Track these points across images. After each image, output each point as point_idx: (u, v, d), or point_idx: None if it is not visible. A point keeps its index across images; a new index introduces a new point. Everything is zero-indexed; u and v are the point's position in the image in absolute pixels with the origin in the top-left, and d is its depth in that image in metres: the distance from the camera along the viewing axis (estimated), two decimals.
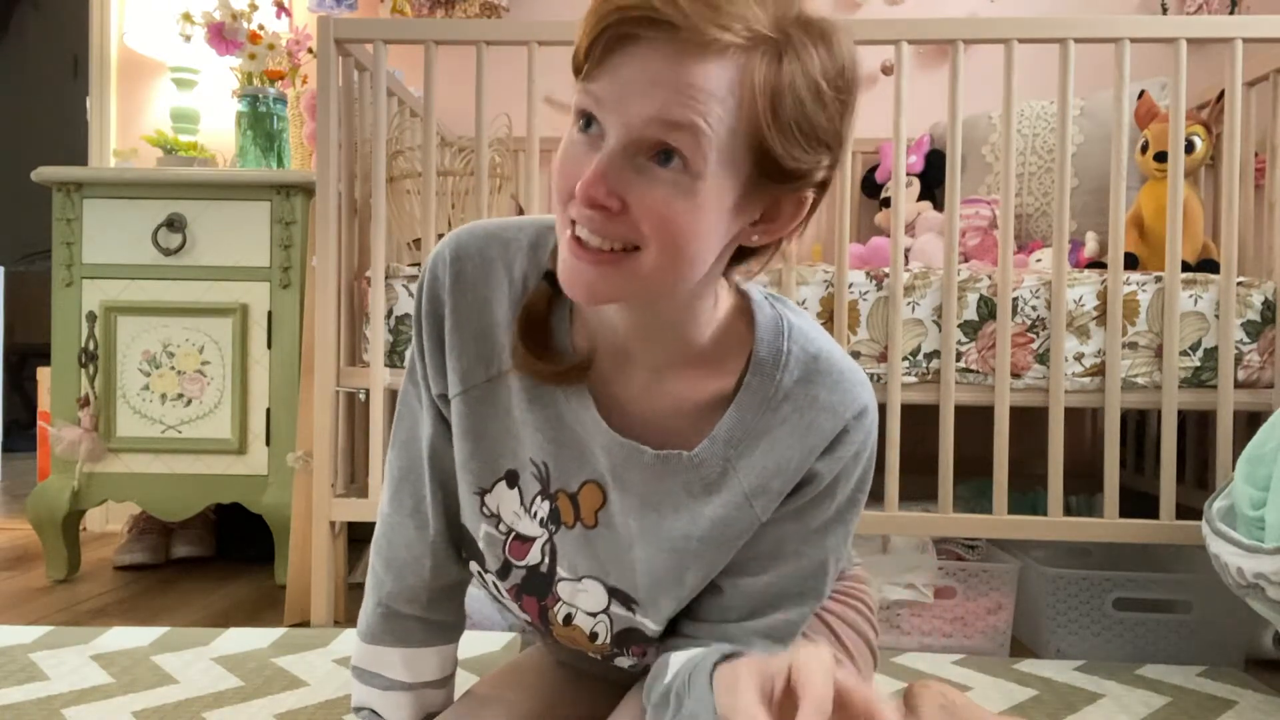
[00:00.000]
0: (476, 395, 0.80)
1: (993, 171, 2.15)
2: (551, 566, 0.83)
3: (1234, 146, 1.58)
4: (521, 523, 0.82)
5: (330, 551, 1.67)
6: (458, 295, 0.79)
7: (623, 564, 0.80)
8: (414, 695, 0.88)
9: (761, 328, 0.76)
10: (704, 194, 0.64)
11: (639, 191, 0.63)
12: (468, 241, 0.80)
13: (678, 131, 0.61)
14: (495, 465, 0.81)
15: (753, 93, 0.62)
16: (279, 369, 1.93)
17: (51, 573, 1.98)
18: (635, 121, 0.62)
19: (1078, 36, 1.57)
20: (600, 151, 0.63)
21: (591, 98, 0.63)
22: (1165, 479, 1.57)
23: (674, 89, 0.61)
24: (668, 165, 0.62)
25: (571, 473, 0.79)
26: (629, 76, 0.62)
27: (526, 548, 0.83)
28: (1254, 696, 1.37)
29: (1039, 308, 1.59)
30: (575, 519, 0.80)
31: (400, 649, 0.88)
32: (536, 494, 0.81)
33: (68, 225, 1.95)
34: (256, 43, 2.19)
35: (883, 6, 2.48)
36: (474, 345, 0.79)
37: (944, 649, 1.59)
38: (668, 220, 0.63)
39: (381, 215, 1.67)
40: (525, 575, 0.84)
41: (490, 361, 0.79)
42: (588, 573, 0.81)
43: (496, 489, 0.82)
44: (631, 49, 0.61)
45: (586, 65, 0.63)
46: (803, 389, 0.75)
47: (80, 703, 1.27)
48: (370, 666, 0.88)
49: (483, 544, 0.84)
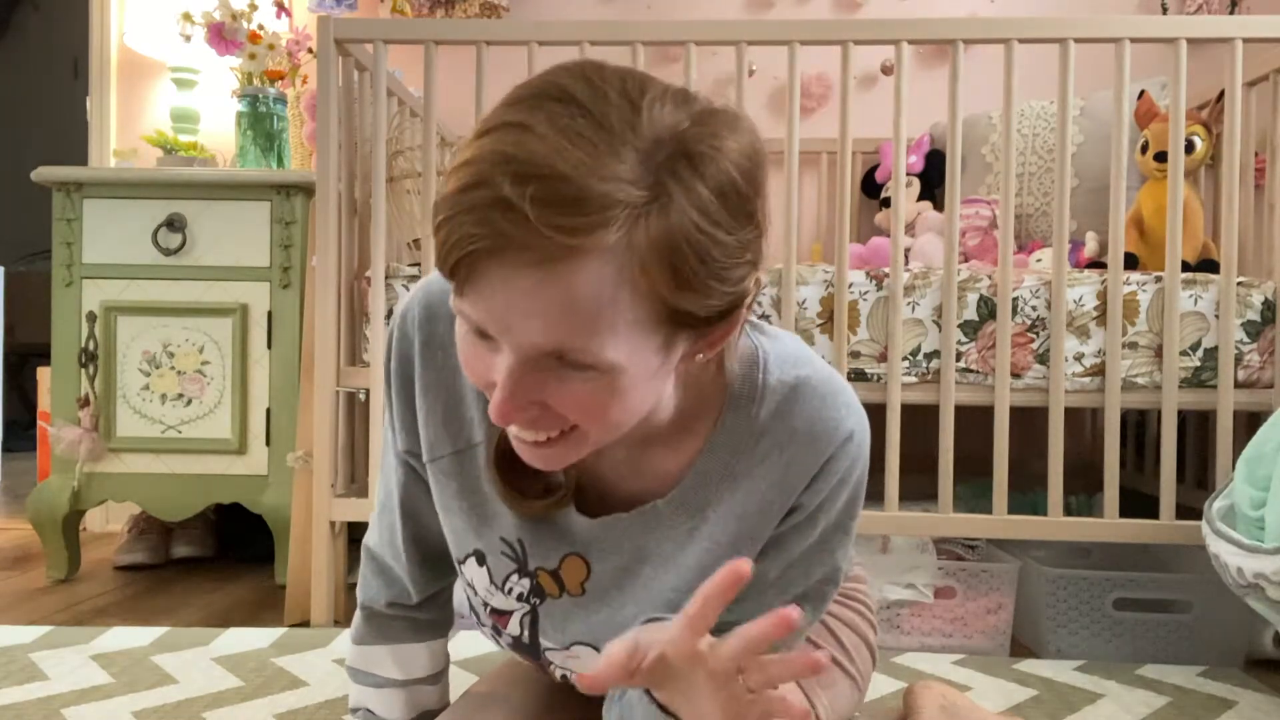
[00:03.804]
0: (443, 467, 0.78)
1: (993, 171, 2.15)
2: (534, 638, 0.82)
3: (1234, 146, 1.58)
4: (495, 599, 0.81)
5: (330, 551, 1.67)
6: (427, 358, 0.76)
7: (616, 626, 0.77)
8: (407, 692, 0.88)
9: (733, 365, 0.72)
10: (624, 378, 0.58)
11: (555, 395, 0.59)
12: (438, 301, 0.76)
13: (575, 352, 0.56)
14: (464, 541, 0.80)
15: (643, 270, 0.55)
16: (279, 369, 1.93)
17: (51, 573, 1.98)
18: (525, 344, 0.56)
19: (1078, 36, 1.56)
20: (500, 361, 0.58)
21: (469, 314, 0.58)
22: (1165, 479, 1.57)
23: (555, 312, 0.54)
24: (578, 370, 0.57)
25: (549, 550, 0.77)
26: (504, 305, 0.55)
27: (506, 619, 0.82)
28: (1254, 696, 1.37)
29: (1039, 308, 1.59)
30: (561, 591, 0.78)
31: (389, 646, 0.88)
32: (512, 572, 0.79)
33: (68, 225, 1.95)
34: (256, 43, 2.19)
35: (883, 6, 2.48)
36: (441, 414, 0.77)
37: (944, 649, 1.59)
38: (594, 409, 0.59)
39: (381, 215, 1.67)
40: (514, 641, 0.84)
41: (458, 434, 0.76)
42: (578, 639, 0.80)
43: (468, 563, 0.81)
44: (495, 271, 0.54)
45: (459, 281, 0.56)
46: (780, 423, 0.71)
47: (80, 703, 1.27)
48: (363, 666, 0.89)
49: (473, 604, 0.85)
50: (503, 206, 0.52)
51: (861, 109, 2.15)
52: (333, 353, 1.67)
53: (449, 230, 0.54)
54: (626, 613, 0.77)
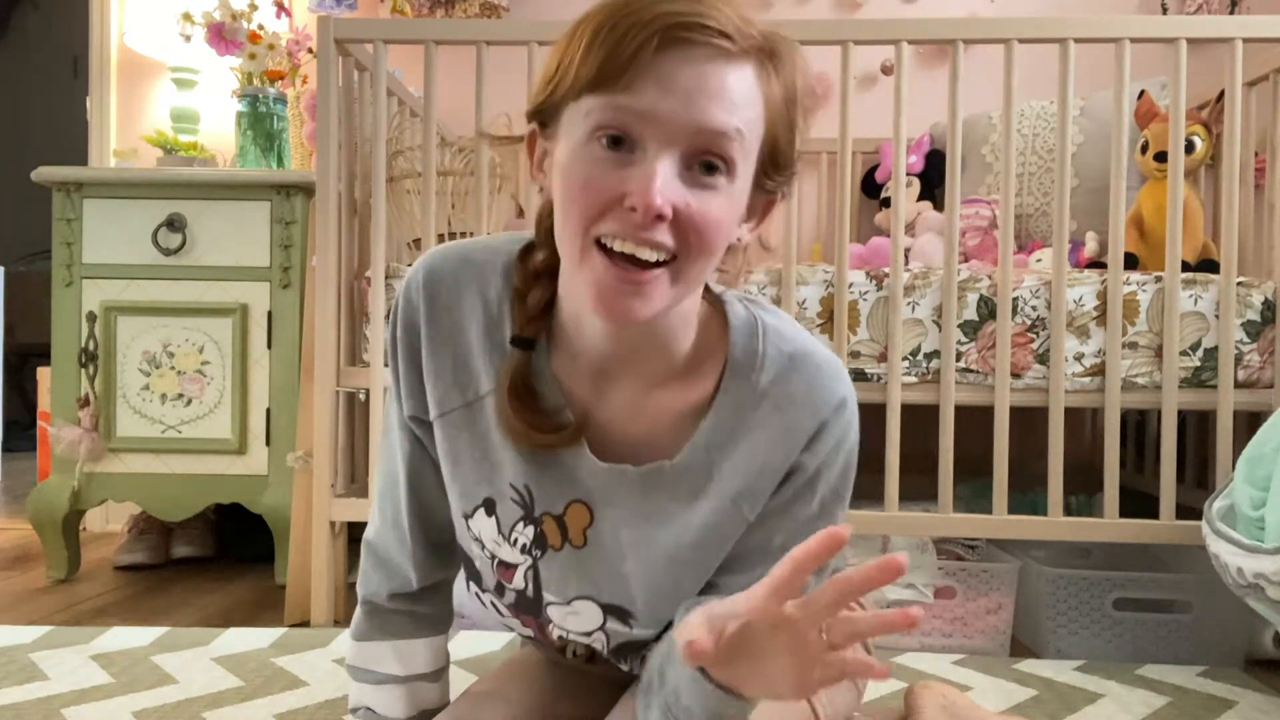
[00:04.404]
0: (453, 420, 0.80)
1: (993, 171, 2.15)
2: (537, 592, 0.83)
3: (1234, 146, 1.58)
4: (502, 550, 0.82)
5: (330, 551, 1.67)
6: (432, 320, 0.79)
7: (616, 579, 0.80)
8: (407, 688, 0.88)
9: (735, 330, 0.76)
10: (736, 196, 0.66)
11: (692, 201, 0.63)
12: (440, 265, 0.80)
13: (726, 140, 0.63)
14: (473, 492, 0.81)
15: (770, 95, 0.65)
16: (279, 369, 1.93)
17: (51, 573, 1.98)
18: (685, 132, 0.62)
19: (1078, 36, 1.56)
20: (641, 165, 0.62)
21: (625, 112, 0.62)
22: (1165, 479, 1.57)
23: (719, 97, 0.62)
24: (713, 174, 0.64)
25: (555, 495, 0.79)
26: (678, 86, 0.61)
27: (511, 573, 0.83)
28: (1254, 696, 1.37)
29: (1039, 308, 1.59)
30: (563, 540, 0.80)
31: (390, 642, 0.88)
32: (518, 519, 0.80)
33: (68, 225, 1.95)
34: (256, 43, 2.19)
35: (883, 6, 2.48)
36: (450, 371, 0.79)
37: (944, 649, 1.59)
38: (714, 226, 0.64)
39: (381, 215, 1.67)
40: (516, 597, 0.85)
41: (466, 387, 0.79)
42: (579, 593, 0.81)
43: (477, 515, 0.82)
44: (671, 58, 0.61)
45: (623, 77, 0.62)
46: (780, 388, 0.75)
47: (80, 702, 1.27)
48: (363, 664, 0.89)
49: (477, 564, 0.85)
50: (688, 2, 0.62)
51: (861, 109, 2.15)
52: (333, 353, 1.67)
53: (627, 23, 0.61)
54: (627, 567, 0.79)
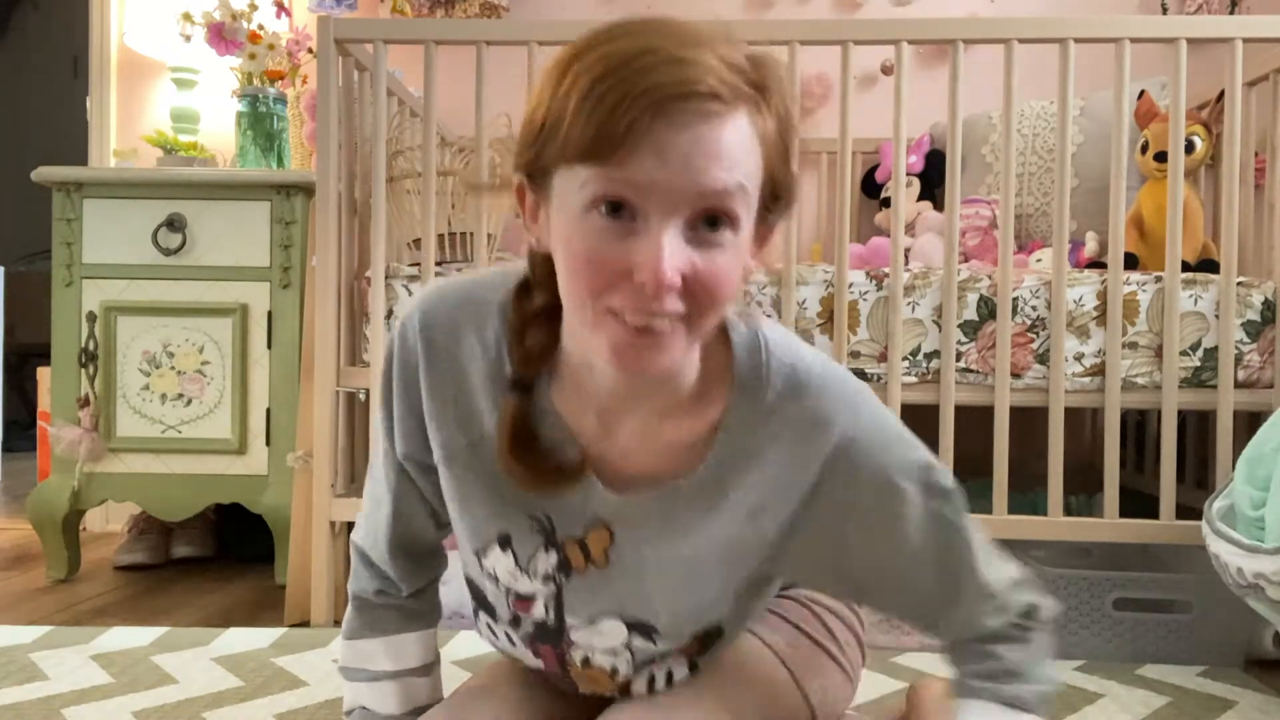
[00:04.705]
0: (461, 461, 0.79)
1: (993, 171, 2.15)
2: (559, 619, 0.83)
3: (1234, 146, 1.58)
4: (519, 583, 0.82)
5: (330, 551, 1.67)
6: (431, 364, 0.78)
7: (639, 595, 0.80)
8: (400, 684, 0.89)
9: (738, 347, 0.75)
10: (742, 244, 0.66)
11: (699, 262, 0.63)
12: (436, 307, 0.79)
13: (729, 198, 0.62)
14: (486, 529, 0.81)
15: (765, 134, 0.65)
16: (279, 369, 1.93)
17: (51, 573, 1.98)
18: (687, 197, 0.61)
19: (1078, 36, 1.56)
20: (645, 236, 0.62)
21: (624, 184, 0.61)
22: (1165, 479, 1.57)
23: (717, 157, 0.61)
24: (717, 230, 0.63)
25: (573, 520, 0.78)
26: (676, 154, 0.61)
27: (529, 604, 0.83)
28: (1254, 696, 1.37)
29: (1039, 308, 1.59)
30: (587, 562, 0.79)
31: (381, 638, 0.89)
32: (539, 547, 0.80)
33: (68, 225, 1.95)
34: (256, 43, 2.19)
35: (883, 7, 2.48)
36: (452, 413, 0.79)
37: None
38: (724, 283, 0.64)
39: (381, 215, 1.67)
40: (536, 627, 0.84)
41: (470, 427, 0.78)
42: (603, 613, 0.81)
43: (491, 552, 0.81)
44: (665, 127, 0.60)
45: (619, 150, 0.61)
46: (789, 403, 0.74)
47: (80, 702, 1.27)
48: (355, 663, 0.90)
49: (489, 598, 0.86)
50: (678, 62, 0.60)
51: (861, 109, 2.15)
52: (333, 353, 1.67)
53: (616, 94, 0.60)
54: (649, 583, 0.79)
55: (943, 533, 0.77)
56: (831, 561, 0.79)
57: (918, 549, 0.77)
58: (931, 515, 0.77)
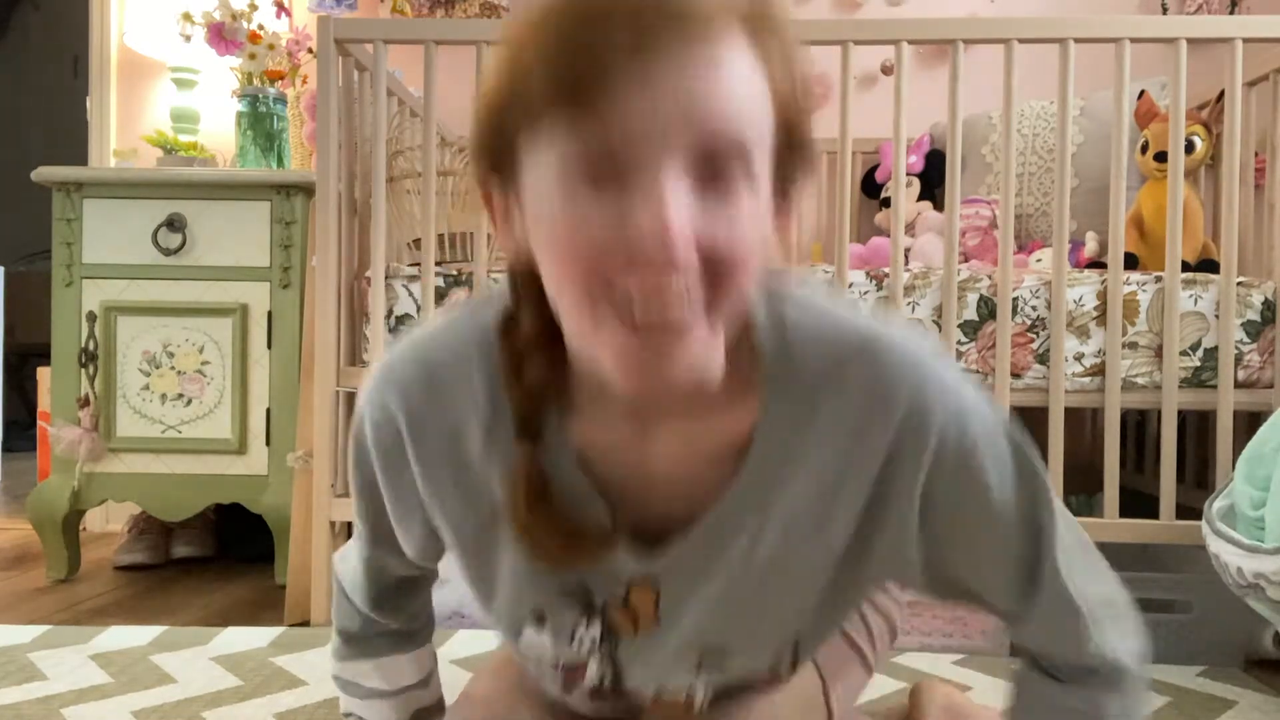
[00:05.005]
0: (472, 546, 0.69)
1: (993, 171, 2.15)
2: (616, 679, 0.73)
3: (1234, 146, 1.58)
4: (565, 657, 0.72)
5: (330, 551, 1.67)
6: (417, 434, 0.66)
7: (701, 634, 0.70)
8: (396, 699, 0.85)
9: (761, 330, 0.62)
10: (761, 206, 0.54)
11: (713, 224, 0.51)
12: (408, 376, 0.66)
13: (737, 132, 0.51)
14: (517, 610, 0.71)
15: (770, 69, 0.53)
16: (279, 369, 1.93)
17: (51, 573, 1.98)
18: (686, 133, 0.50)
19: (1078, 36, 1.56)
20: (640, 193, 0.50)
21: (604, 133, 0.49)
22: (1165, 479, 1.57)
23: (716, 81, 0.50)
24: (730, 179, 0.51)
25: (612, 580, 0.68)
26: (664, 84, 0.49)
27: (579, 674, 0.73)
28: (1254, 696, 1.37)
29: (1039, 308, 1.59)
30: (635, 626, 0.69)
31: (372, 661, 0.85)
32: (580, 620, 0.69)
33: (68, 225, 1.95)
34: (256, 43, 2.19)
35: (883, 6, 2.48)
36: (453, 491, 0.67)
37: (944, 649, 1.59)
38: (747, 247, 0.52)
39: (381, 215, 1.67)
40: (594, 690, 0.75)
41: (479, 503, 0.66)
42: (665, 665, 0.72)
43: (526, 633, 0.72)
44: (646, 53, 0.49)
45: (594, 88, 0.49)
46: (830, 384, 0.62)
47: (79, 702, 1.27)
48: (348, 676, 0.86)
49: (532, 669, 0.77)
50: None
51: (861, 109, 2.14)
52: (333, 353, 1.67)
53: (583, 26, 0.49)
54: (707, 621, 0.69)
55: (1028, 494, 0.65)
56: (920, 554, 0.65)
57: (1005, 519, 0.65)
58: (1019, 473, 0.65)
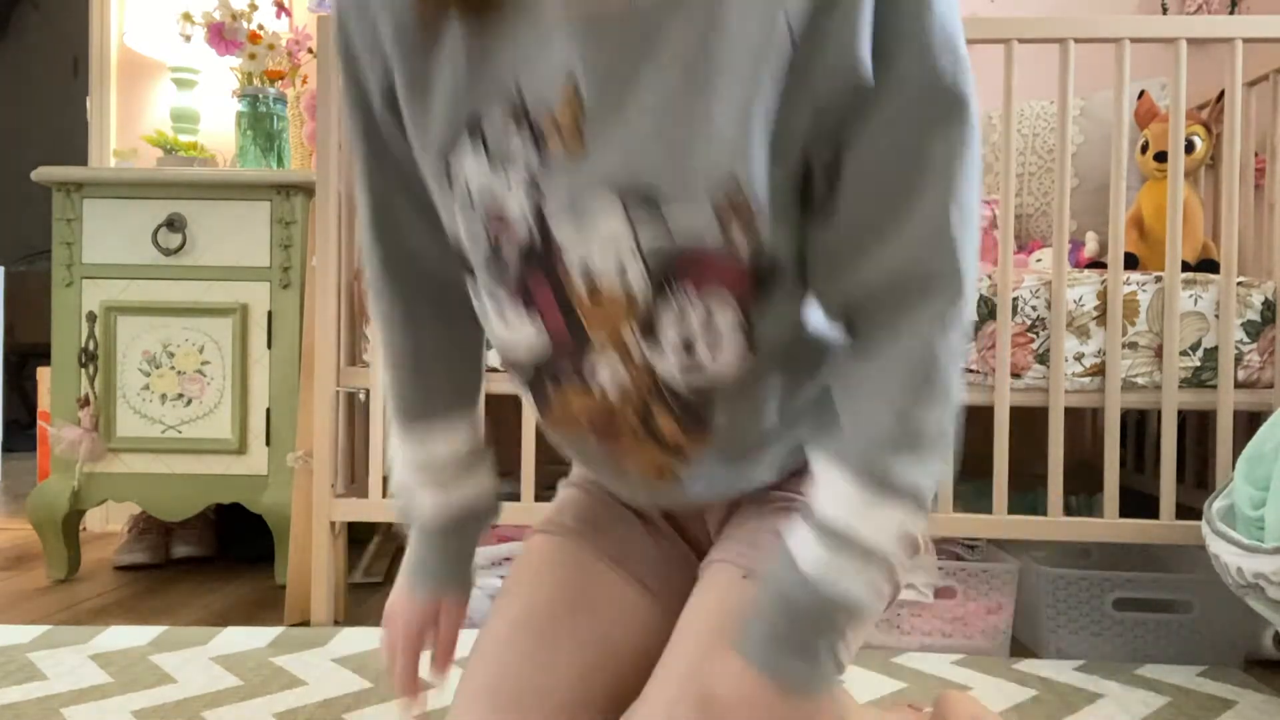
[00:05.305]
0: (417, 64, 0.66)
1: (993, 171, 2.15)
2: (544, 230, 0.66)
3: (1234, 146, 1.58)
4: (495, 186, 0.66)
5: (330, 551, 1.67)
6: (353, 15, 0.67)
7: (625, 155, 0.62)
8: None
9: None
10: None
11: None
12: None
13: None
14: (455, 120, 0.66)
15: None
16: (279, 369, 1.93)
17: (51, 573, 1.98)
18: None
19: (1078, 36, 1.56)
20: None
21: None
22: (1165, 479, 1.57)
23: None
24: None
25: (543, 81, 0.62)
26: None
27: (508, 223, 0.67)
28: (1254, 696, 1.37)
29: (1039, 308, 1.59)
30: (561, 141, 0.63)
31: (427, 479, 0.79)
32: (511, 130, 0.64)
33: (68, 225, 1.95)
34: (256, 43, 2.19)
35: None
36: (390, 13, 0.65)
37: (944, 649, 1.59)
38: None
39: None
40: (521, 253, 0.68)
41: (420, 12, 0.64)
42: (589, 189, 0.64)
43: (461, 149, 0.66)
44: None
45: None
46: None
47: (79, 702, 1.27)
48: (405, 499, 0.81)
49: (465, 237, 0.70)
50: None
51: None
52: (333, 353, 1.67)
53: None
54: (630, 141, 0.62)
55: (958, 66, 0.59)
56: (834, 117, 0.58)
57: (930, 63, 0.58)
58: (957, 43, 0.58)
